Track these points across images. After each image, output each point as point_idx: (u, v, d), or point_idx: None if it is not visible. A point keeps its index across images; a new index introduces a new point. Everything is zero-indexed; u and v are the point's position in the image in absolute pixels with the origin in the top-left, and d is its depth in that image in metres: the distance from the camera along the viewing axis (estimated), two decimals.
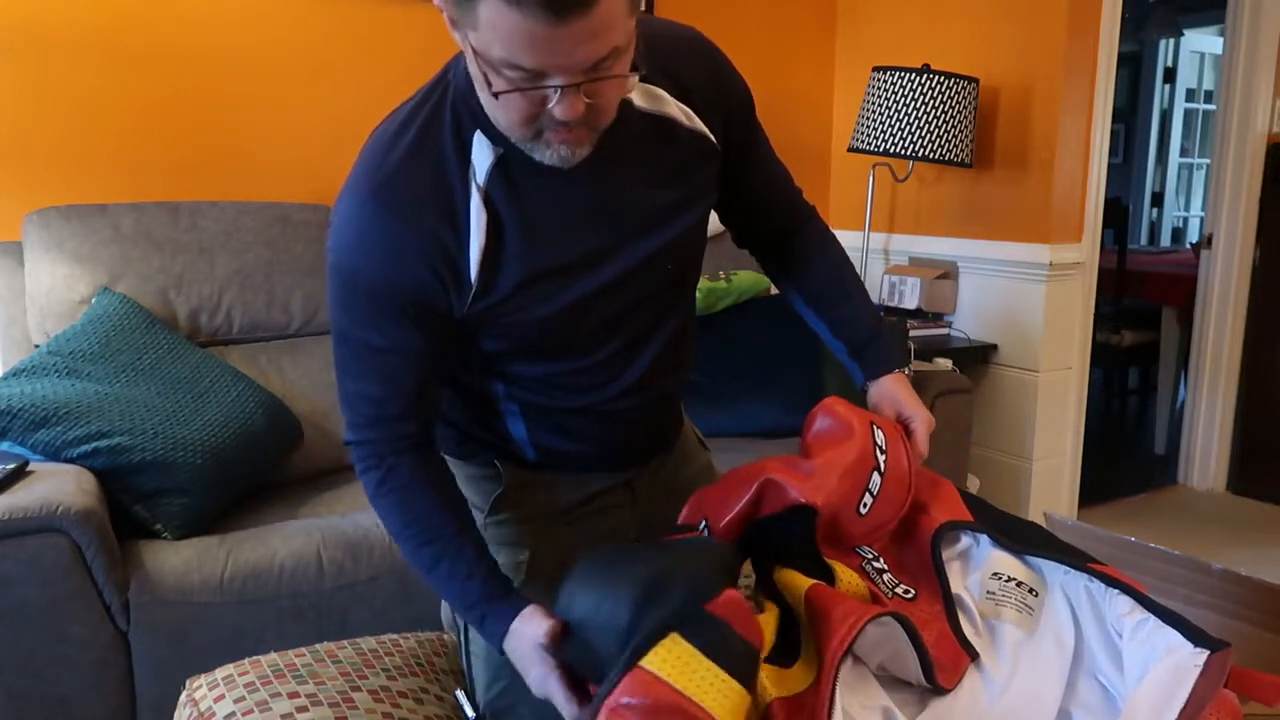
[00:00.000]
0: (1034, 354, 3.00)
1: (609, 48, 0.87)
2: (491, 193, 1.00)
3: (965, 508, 1.14)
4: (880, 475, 1.07)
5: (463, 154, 0.99)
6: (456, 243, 0.99)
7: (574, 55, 0.85)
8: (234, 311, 2.29)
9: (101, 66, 2.36)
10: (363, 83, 2.67)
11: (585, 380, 1.14)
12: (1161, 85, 6.40)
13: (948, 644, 0.99)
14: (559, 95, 0.88)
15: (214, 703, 1.15)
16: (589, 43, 0.85)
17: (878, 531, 1.10)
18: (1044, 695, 0.95)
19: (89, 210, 2.19)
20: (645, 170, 1.06)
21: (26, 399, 1.84)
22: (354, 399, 1.06)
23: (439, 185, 0.99)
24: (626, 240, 1.06)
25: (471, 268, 1.00)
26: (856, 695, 0.95)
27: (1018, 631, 1.00)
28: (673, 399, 1.29)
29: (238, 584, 1.78)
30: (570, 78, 0.87)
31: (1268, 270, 3.44)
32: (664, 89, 1.07)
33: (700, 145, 1.10)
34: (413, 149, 0.99)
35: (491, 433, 1.21)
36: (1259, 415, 3.52)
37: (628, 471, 1.27)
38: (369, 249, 0.99)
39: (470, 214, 0.99)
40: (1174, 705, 0.85)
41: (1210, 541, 3.12)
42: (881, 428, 1.11)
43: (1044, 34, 2.88)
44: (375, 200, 0.98)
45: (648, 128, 1.06)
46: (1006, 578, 1.05)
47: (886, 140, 2.94)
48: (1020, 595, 1.03)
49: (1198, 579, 1.41)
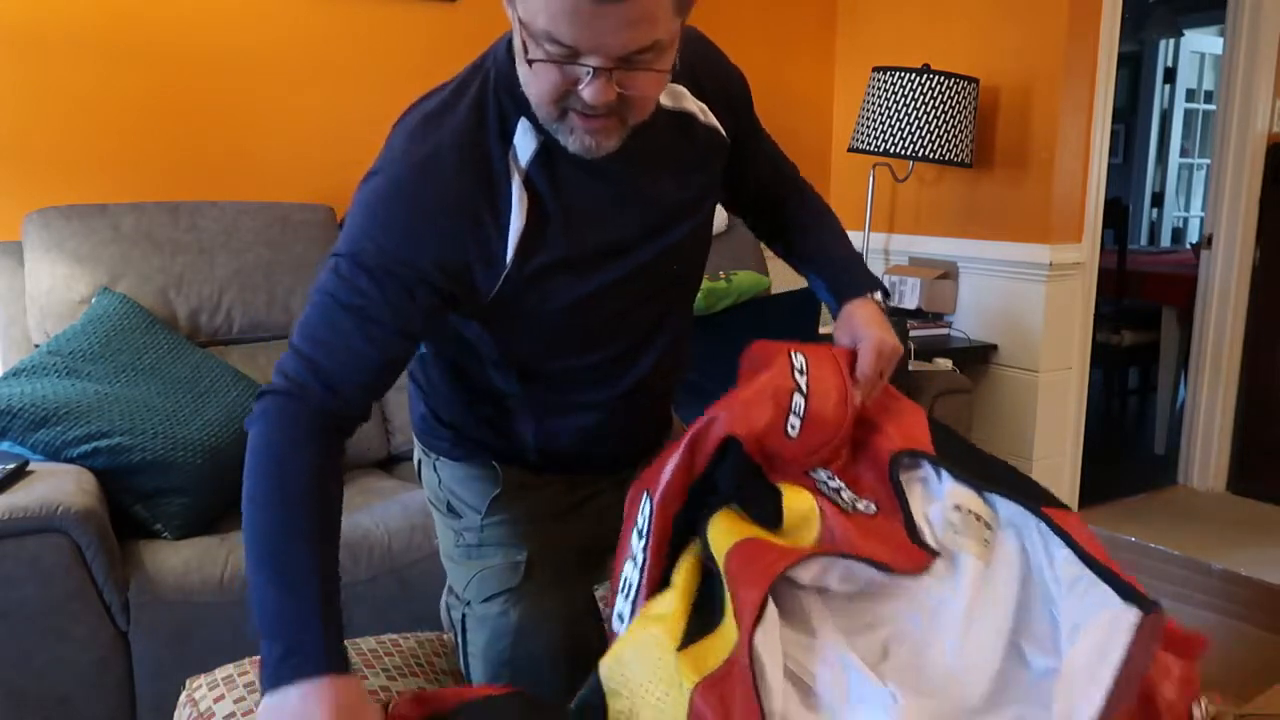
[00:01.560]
0: (1034, 354, 3.00)
1: (650, 39, 0.87)
2: (534, 177, 1.01)
3: (929, 435, 1.13)
4: (803, 396, 1.07)
5: (505, 139, 1.00)
6: (495, 224, 1.00)
7: (612, 38, 0.86)
8: (234, 311, 2.29)
9: (101, 66, 2.36)
10: (363, 83, 2.67)
11: (595, 375, 1.16)
12: (1161, 85, 6.39)
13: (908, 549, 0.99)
14: (590, 76, 0.88)
15: (214, 703, 1.15)
16: (629, 29, 0.85)
17: (821, 451, 1.08)
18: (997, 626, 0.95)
19: (89, 210, 2.19)
20: (667, 165, 1.08)
21: (26, 399, 1.84)
22: (301, 353, 0.98)
23: (484, 164, 1.00)
24: (645, 234, 1.08)
25: (509, 248, 1.00)
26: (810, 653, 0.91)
27: (977, 563, 0.99)
28: (669, 397, 1.32)
29: (238, 584, 1.78)
30: (605, 61, 0.88)
31: (1268, 270, 3.44)
32: (683, 85, 1.09)
33: (713, 140, 1.13)
34: (461, 126, 1.00)
35: (494, 433, 1.21)
36: (1259, 415, 3.52)
37: (621, 472, 1.27)
38: (405, 218, 0.97)
39: (512, 196, 1.00)
40: (1108, 667, 0.84)
41: (1210, 541, 3.12)
42: (803, 352, 1.13)
43: (1044, 34, 2.88)
44: (422, 171, 0.98)
45: (670, 123, 1.08)
46: (966, 510, 1.03)
47: (886, 140, 2.94)
48: (979, 529, 1.02)
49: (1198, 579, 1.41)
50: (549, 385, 1.17)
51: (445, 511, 1.28)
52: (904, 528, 1.02)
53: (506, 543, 1.22)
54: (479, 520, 1.23)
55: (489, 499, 1.22)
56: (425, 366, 1.24)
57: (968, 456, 1.13)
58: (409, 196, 0.98)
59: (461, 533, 1.25)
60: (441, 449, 1.26)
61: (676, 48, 0.93)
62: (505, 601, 1.19)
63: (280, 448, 0.96)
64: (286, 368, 0.99)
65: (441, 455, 1.26)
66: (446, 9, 2.76)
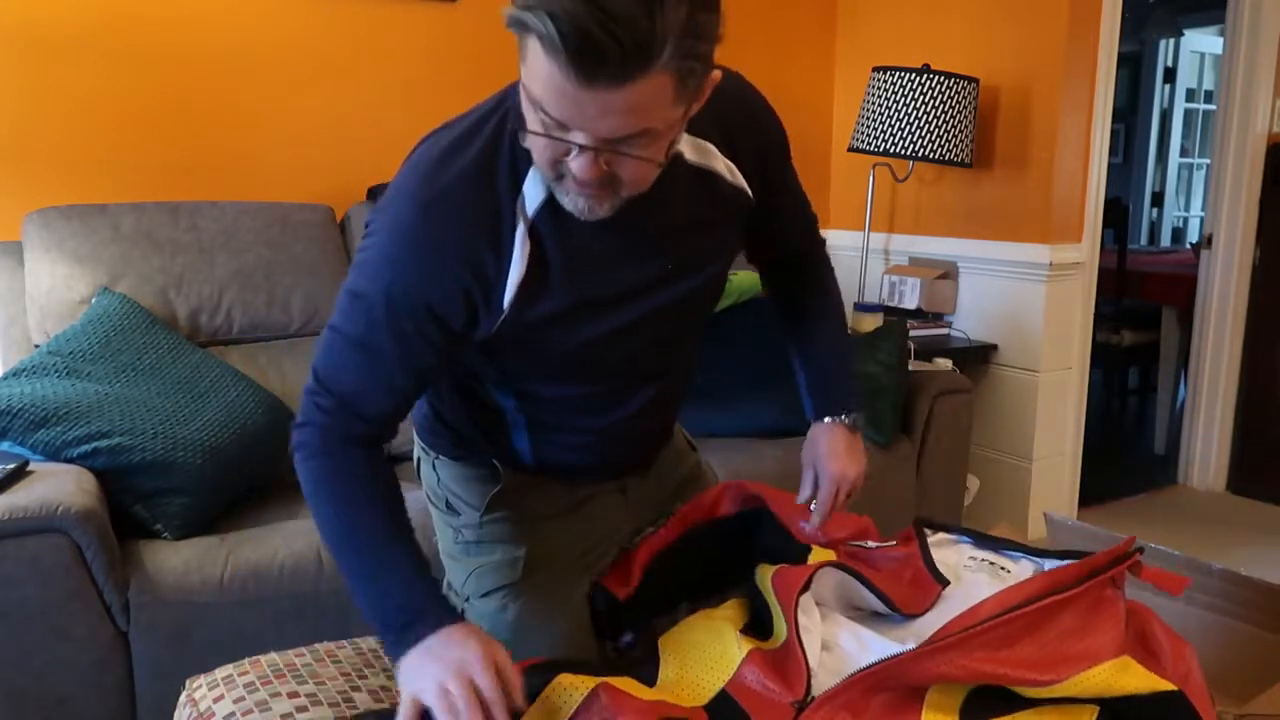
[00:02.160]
0: (1034, 354, 3.00)
1: (638, 127, 0.85)
2: (539, 226, 1.00)
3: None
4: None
5: (515, 185, 1.00)
6: (496, 268, 1.00)
7: (598, 122, 0.84)
8: (234, 311, 2.29)
9: (101, 67, 2.36)
10: (363, 83, 2.67)
11: (596, 404, 1.17)
12: (1161, 85, 6.39)
13: (921, 577, 1.11)
14: (577, 153, 0.87)
15: (214, 703, 1.15)
16: (615, 116, 0.83)
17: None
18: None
19: (89, 210, 2.19)
20: (685, 218, 1.07)
21: (26, 399, 1.84)
22: (325, 386, 1.04)
23: (489, 210, 0.99)
24: (655, 284, 1.08)
25: (507, 294, 1.01)
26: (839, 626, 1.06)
27: (990, 584, 1.09)
28: (667, 424, 1.33)
29: (238, 584, 1.78)
30: (592, 140, 0.86)
31: (1268, 270, 3.44)
32: (713, 142, 1.07)
33: (738, 200, 1.12)
34: (470, 170, 0.99)
35: (492, 441, 1.22)
36: (1259, 415, 3.51)
37: (623, 478, 1.30)
38: (408, 258, 0.99)
39: (515, 243, 1.00)
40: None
41: (1210, 541, 3.12)
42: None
43: (1044, 34, 2.88)
44: (425, 213, 0.98)
45: (693, 179, 1.06)
46: (981, 559, 1.16)
47: (886, 140, 2.94)
48: (993, 570, 1.13)
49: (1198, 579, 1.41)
50: (547, 407, 1.17)
51: (444, 509, 1.28)
52: (920, 557, 1.13)
53: (505, 540, 1.23)
54: (478, 518, 1.24)
55: (488, 497, 1.23)
56: None
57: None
58: (411, 240, 0.98)
59: (460, 530, 1.26)
60: (442, 448, 1.26)
61: (676, 134, 0.91)
62: (504, 597, 1.20)
63: (327, 473, 1.03)
64: (314, 397, 1.05)
65: (442, 454, 1.27)
66: (446, 9, 2.76)
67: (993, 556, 1.16)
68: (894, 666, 0.93)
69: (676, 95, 0.85)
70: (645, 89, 0.81)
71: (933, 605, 1.09)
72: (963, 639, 0.91)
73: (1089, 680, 0.90)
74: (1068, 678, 0.89)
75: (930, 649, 0.91)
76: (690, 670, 1.05)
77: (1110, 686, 0.90)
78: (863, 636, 1.05)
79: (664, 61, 0.80)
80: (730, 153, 1.09)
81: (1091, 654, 0.91)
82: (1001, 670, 0.90)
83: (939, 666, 0.90)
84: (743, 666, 1.02)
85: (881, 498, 2.52)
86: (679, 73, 0.83)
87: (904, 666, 0.92)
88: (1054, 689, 0.90)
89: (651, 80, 0.81)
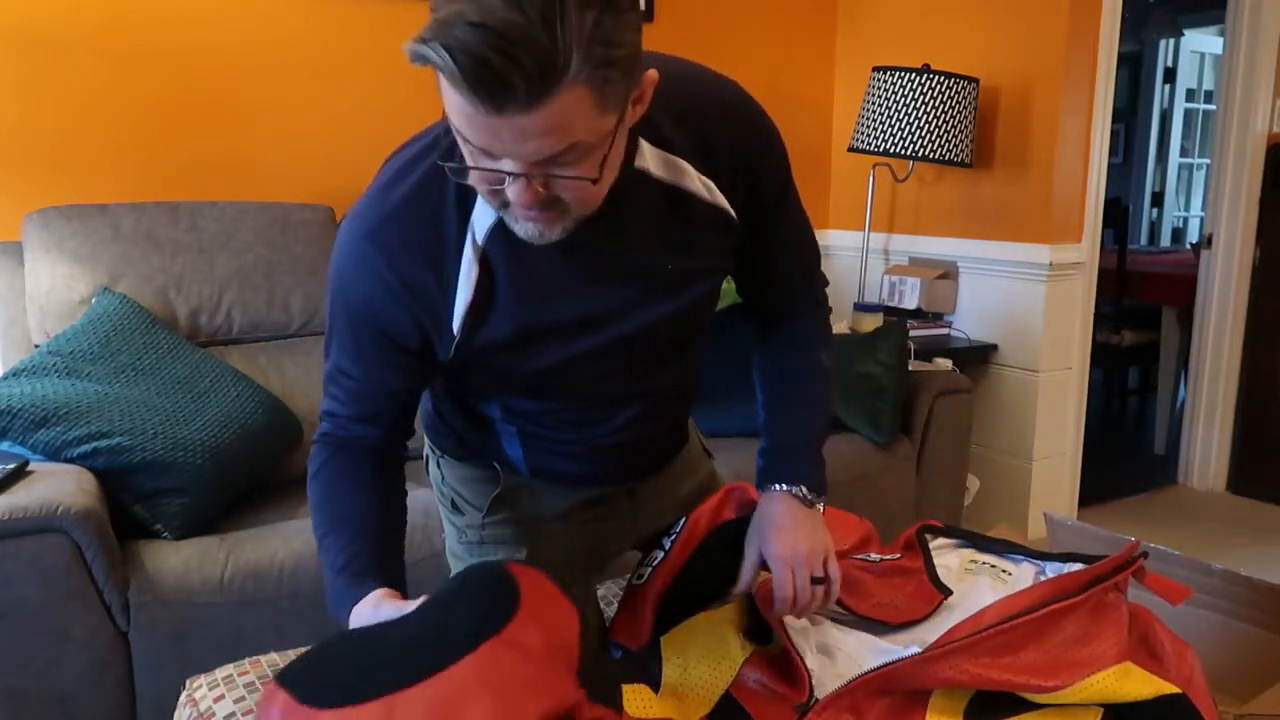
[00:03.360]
0: (1034, 354, 3.00)
1: (564, 144, 0.79)
2: (489, 251, 0.97)
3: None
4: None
5: (464, 209, 0.97)
6: (442, 294, 0.98)
7: (519, 146, 0.79)
8: (234, 311, 2.29)
9: (101, 67, 2.36)
10: (363, 83, 2.67)
11: (579, 419, 1.14)
12: (1161, 85, 6.40)
13: (924, 589, 1.11)
14: (510, 181, 0.83)
15: (214, 703, 1.15)
16: (534, 139, 0.78)
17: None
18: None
19: (89, 210, 2.19)
20: (656, 239, 1.01)
21: (26, 399, 1.84)
22: (327, 388, 1.09)
23: (431, 236, 0.97)
24: (626, 307, 1.03)
25: (455, 319, 0.99)
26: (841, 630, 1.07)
27: (993, 588, 1.10)
28: (673, 429, 1.27)
29: (238, 584, 1.78)
30: (520, 166, 0.81)
31: (1268, 270, 3.44)
32: (688, 160, 1.00)
33: (716, 218, 1.04)
34: (413, 194, 0.97)
35: (488, 446, 1.21)
36: (1259, 415, 3.51)
37: (627, 482, 1.27)
38: (356, 279, 0.99)
39: (461, 268, 0.97)
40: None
41: (1210, 541, 3.12)
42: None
43: (1044, 34, 2.88)
44: (369, 239, 0.97)
45: (662, 198, 1.00)
46: (983, 562, 1.16)
47: (886, 140, 2.94)
48: (995, 572, 1.14)
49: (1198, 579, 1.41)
50: (531, 419, 1.15)
51: (449, 508, 1.28)
52: (924, 567, 1.13)
53: (507, 542, 1.23)
54: (480, 518, 1.24)
55: (490, 498, 1.23)
56: None
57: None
58: (359, 263, 0.98)
59: (464, 529, 1.26)
60: (446, 448, 1.26)
61: (612, 146, 0.84)
62: None
63: (329, 480, 1.08)
64: (323, 406, 1.09)
65: (446, 454, 1.27)
66: None
67: (994, 560, 1.16)
68: (898, 671, 0.93)
69: (599, 106, 0.79)
70: (559, 107, 0.76)
71: (935, 611, 1.09)
72: (966, 644, 0.91)
73: (1092, 686, 0.90)
74: (1071, 684, 0.90)
75: (934, 654, 0.91)
76: (693, 672, 1.05)
77: (1114, 693, 0.90)
78: (864, 641, 1.05)
79: (572, 76, 0.75)
80: (707, 164, 1.02)
81: (1094, 660, 0.91)
82: (1005, 676, 0.90)
83: (943, 672, 0.91)
84: (744, 668, 1.02)
85: (881, 498, 2.52)
86: (593, 83, 0.77)
87: (908, 671, 0.92)
88: (1058, 695, 0.90)
89: (563, 97, 0.76)
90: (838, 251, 3.55)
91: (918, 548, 1.20)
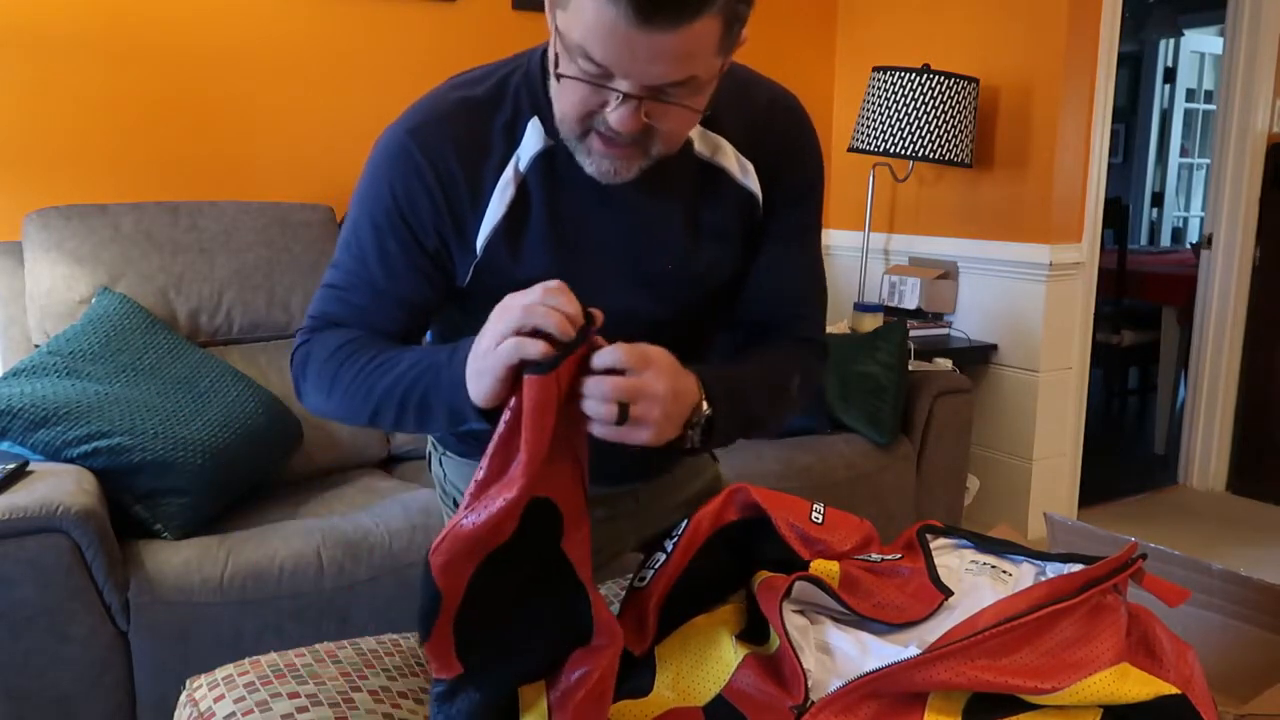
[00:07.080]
0: (1034, 354, 3.00)
1: (686, 74, 0.83)
2: (529, 178, 0.98)
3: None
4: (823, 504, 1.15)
5: (510, 132, 0.98)
6: (471, 200, 0.99)
7: (647, 66, 0.82)
8: (234, 311, 2.29)
9: (102, 67, 2.36)
10: (363, 83, 2.67)
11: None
12: (1161, 85, 6.40)
13: (925, 590, 1.10)
14: (618, 101, 0.85)
15: (214, 703, 1.15)
16: (666, 60, 0.81)
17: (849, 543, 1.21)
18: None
19: (89, 210, 2.19)
20: (683, 212, 1.02)
21: (26, 399, 1.84)
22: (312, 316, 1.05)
23: (473, 141, 0.98)
24: (648, 280, 1.03)
25: (480, 235, 0.99)
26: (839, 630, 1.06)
27: (993, 589, 1.09)
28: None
29: (238, 584, 1.78)
30: (635, 88, 0.84)
31: (1268, 270, 3.44)
32: (732, 142, 1.02)
33: (745, 201, 1.06)
34: (471, 102, 0.99)
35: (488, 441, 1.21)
36: (1259, 415, 3.52)
37: (629, 484, 1.27)
38: (388, 170, 0.99)
39: (497, 185, 0.98)
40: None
41: (1210, 541, 3.12)
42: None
43: (1044, 34, 2.88)
44: (410, 135, 0.98)
45: (697, 172, 1.02)
46: (984, 563, 1.16)
47: (886, 140, 2.94)
48: (995, 572, 1.13)
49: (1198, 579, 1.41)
50: None
51: (453, 507, 1.29)
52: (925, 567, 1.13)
53: None
54: None
55: None
56: None
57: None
58: (392, 156, 0.99)
59: None
60: (449, 443, 1.26)
61: (714, 86, 0.88)
62: None
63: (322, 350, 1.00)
64: (312, 309, 1.04)
65: (449, 450, 1.27)
66: (446, 9, 2.76)
67: (994, 560, 1.16)
68: (895, 673, 0.93)
69: (721, 43, 0.83)
70: (697, 32, 0.80)
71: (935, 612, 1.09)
72: (964, 646, 0.91)
73: (1089, 688, 0.90)
74: (1068, 685, 0.90)
75: (930, 657, 0.91)
76: (686, 676, 1.05)
77: (1112, 694, 0.90)
78: (864, 641, 1.05)
79: (717, 6, 0.80)
80: (752, 153, 1.04)
81: (1091, 661, 0.91)
82: (1002, 679, 0.90)
83: (941, 674, 0.91)
84: (739, 671, 1.02)
85: (881, 498, 2.52)
86: (725, 17, 0.82)
87: (905, 673, 0.92)
88: (1055, 697, 0.90)
89: (704, 23, 0.80)
90: (838, 251, 3.55)
91: (918, 548, 1.20)
